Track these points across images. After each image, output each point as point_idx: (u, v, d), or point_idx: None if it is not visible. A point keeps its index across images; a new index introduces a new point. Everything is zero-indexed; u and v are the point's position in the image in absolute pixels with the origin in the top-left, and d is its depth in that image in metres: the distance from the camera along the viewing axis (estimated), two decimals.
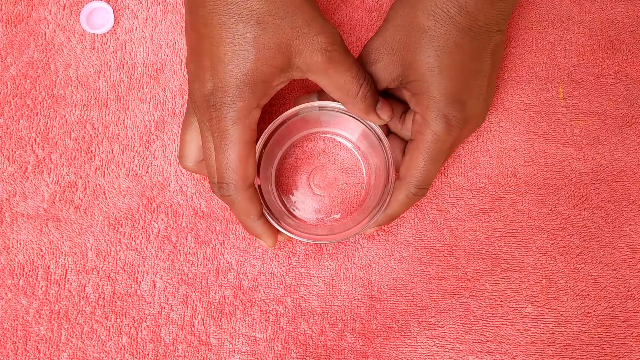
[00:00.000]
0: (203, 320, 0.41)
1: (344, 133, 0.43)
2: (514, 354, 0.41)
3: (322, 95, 0.40)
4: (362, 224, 0.38)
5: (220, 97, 0.34)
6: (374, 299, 0.42)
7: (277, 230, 0.38)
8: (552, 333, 0.42)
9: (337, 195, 0.43)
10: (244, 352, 0.41)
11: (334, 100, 0.38)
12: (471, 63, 0.36)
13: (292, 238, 0.38)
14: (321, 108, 0.39)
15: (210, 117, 0.34)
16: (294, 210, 0.43)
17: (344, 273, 0.42)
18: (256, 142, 0.37)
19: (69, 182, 0.43)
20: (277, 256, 0.42)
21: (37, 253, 0.42)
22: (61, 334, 0.41)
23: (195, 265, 0.42)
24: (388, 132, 0.41)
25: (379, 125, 0.39)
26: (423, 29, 0.35)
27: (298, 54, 0.34)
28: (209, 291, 0.42)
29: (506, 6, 0.35)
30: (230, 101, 0.34)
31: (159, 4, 0.45)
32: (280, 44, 0.33)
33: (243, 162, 0.35)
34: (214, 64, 0.33)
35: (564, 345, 0.42)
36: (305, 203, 0.43)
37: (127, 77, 0.44)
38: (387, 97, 0.41)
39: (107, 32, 0.44)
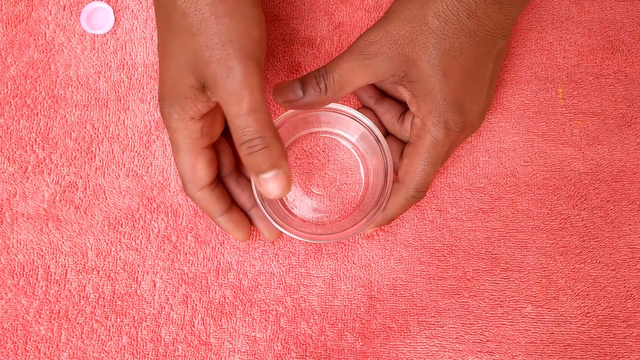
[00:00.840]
0: (203, 320, 0.41)
1: (344, 133, 0.43)
2: (514, 354, 0.41)
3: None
4: (360, 224, 0.38)
5: (161, 105, 0.36)
6: (373, 299, 0.42)
7: (248, 222, 0.40)
8: (552, 333, 0.42)
9: (335, 195, 0.43)
10: (244, 352, 0.41)
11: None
12: (474, 68, 0.36)
13: (289, 237, 0.39)
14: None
15: (163, 121, 0.37)
16: (292, 208, 0.43)
17: (343, 273, 0.42)
18: (210, 145, 0.38)
19: (69, 182, 0.43)
20: (277, 256, 0.42)
21: (37, 253, 0.42)
22: (61, 333, 0.41)
23: (195, 265, 0.42)
24: (387, 133, 0.41)
25: (377, 126, 0.39)
26: (431, 28, 0.34)
27: (207, 77, 0.33)
28: (209, 291, 0.42)
29: (514, 11, 0.35)
30: (167, 112, 0.35)
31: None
32: (189, 62, 0.33)
33: (190, 168, 0.37)
34: (159, 71, 0.36)
35: (564, 345, 0.42)
36: (304, 202, 0.43)
37: (128, 78, 0.44)
38: (385, 96, 0.41)
39: (108, 33, 0.44)
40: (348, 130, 0.42)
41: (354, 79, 0.35)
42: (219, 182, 0.39)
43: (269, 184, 0.33)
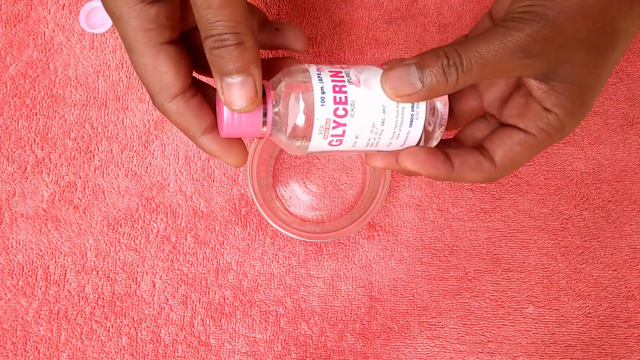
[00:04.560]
0: (203, 320, 0.41)
1: None
2: (515, 355, 0.41)
3: None
4: (357, 223, 0.38)
5: None
6: (374, 300, 0.42)
7: (241, 142, 0.32)
8: (553, 333, 0.42)
9: (333, 194, 0.43)
10: (244, 353, 0.41)
11: None
12: (607, 75, 0.32)
13: (289, 237, 0.38)
14: None
15: (111, 14, 0.29)
16: (288, 206, 0.43)
17: (344, 273, 0.42)
18: (175, 40, 0.30)
19: (68, 182, 0.43)
20: (277, 257, 0.42)
21: (36, 253, 0.42)
22: (61, 334, 0.41)
23: (195, 265, 0.42)
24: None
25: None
26: (619, 29, 0.29)
27: None
28: (208, 291, 0.42)
29: None
30: None
31: None
32: None
33: (152, 71, 0.29)
34: None
35: (565, 346, 0.41)
36: (300, 200, 0.43)
37: (126, 77, 0.44)
38: None
39: (106, 32, 0.44)
40: None
41: (496, 72, 0.29)
42: (197, 90, 0.31)
43: (233, 91, 0.28)
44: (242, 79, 0.27)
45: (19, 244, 0.42)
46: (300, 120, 0.29)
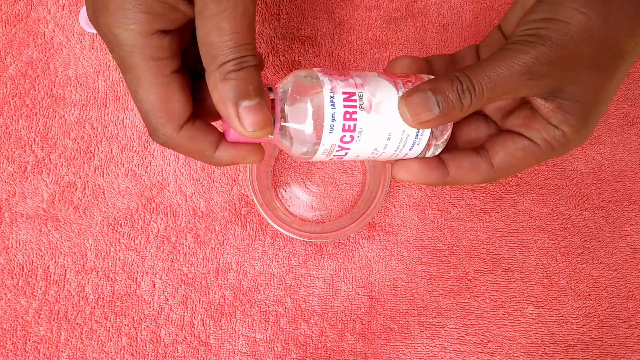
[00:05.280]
0: (203, 320, 0.41)
1: None
2: (515, 355, 0.41)
3: None
4: (357, 223, 0.38)
5: (101, 14, 0.27)
6: (374, 300, 0.42)
7: (257, 143, 0.31)
8: (553, 333, 0.42)
9: (333, 194, 0.43)
10: (244, 353, 0.41)
11: None
12: (612, 93, 0.32)
13: (289, 237, 0.38)
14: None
15: (108, 46, 0.27)
16: (288, 206, 0.43)
17: (344, 273, 0.42)
18: (179, 68, 0.29)
19: (68, 182, 0.43)
20: (277, 257, 0.42)
21: (36, 253, 0.42)
22: (61, 334, 0.41)
23: (195, 265, 0.42)
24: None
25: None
26: (623, 50, 0.29)
27: None
28: (208, 291, 0.42)
29: None
30: (117, 21, 0.27)
31: None
32: None
33: (163, 102, 0.28)
34: None
35: (565, 346, 0.41)
36: (300, 200, 0.43)
37: None
38: None
39: None
40: None
41: (505, 94, 0.29)
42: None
43: (253, 115, 0.27)
44: (259, 101, 0.27)
45: (19, 244, 0.42)
46: (305, 144, 0.29)
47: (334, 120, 0.28)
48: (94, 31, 0.44)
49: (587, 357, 0.41)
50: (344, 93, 0.28)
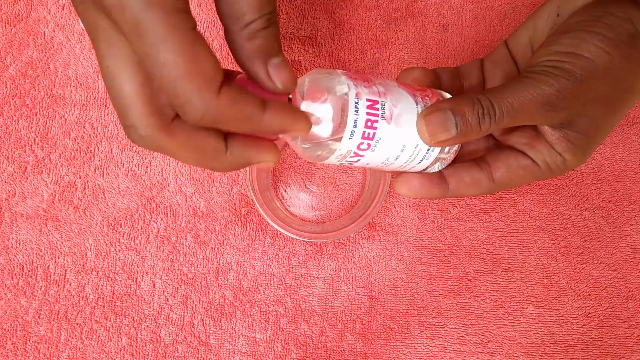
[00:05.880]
0: (203, 320, 0.41)
1: None
2: (515, 355, 0.41)
3: None
4: (357, 223, 0.38)
5: None
6: (374, 300, 0.42)
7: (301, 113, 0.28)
8: (553, 333, 0.42)
9: (333, 194, 0.43)
10: (244, 353, 0.41)
11: None
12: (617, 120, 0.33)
13: (289, 237, 0.38)
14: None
15: (107, 5, 0.22)
16: (288, 206, 0.43)
17: (344, 273, 0.42)
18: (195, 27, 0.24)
19: (68, 182, 0.43)
20: (276, 257, 0.42)
21: (36, 253, 0.42)
22: (61, 334, 0.41)
23: (195, 265, 0.42)
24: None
25: None
26: (637, 90, 0.31)
27: None
28: (208, 291, 0.42)
29: None
30: None
31: None
32: None
33: (194, 62, 0.23)
34: None
35: (565, 346, 0.41)
36: (300, 199, 0.43)
37: None
38: None
39: None
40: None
41: (522, 121, 0.30)
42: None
43: (282, 71, 0.26)
44: (283, 57, 0.26)
45: (19, 244, 0.42)
46: (321, 148, 0.29)
47: (355, 126, 0.28)
48: None
49: (587, 357, 0.41)
50: (367, 100, 0.28)
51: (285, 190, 0.43)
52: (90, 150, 0.43)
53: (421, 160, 0.31)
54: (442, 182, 0.33)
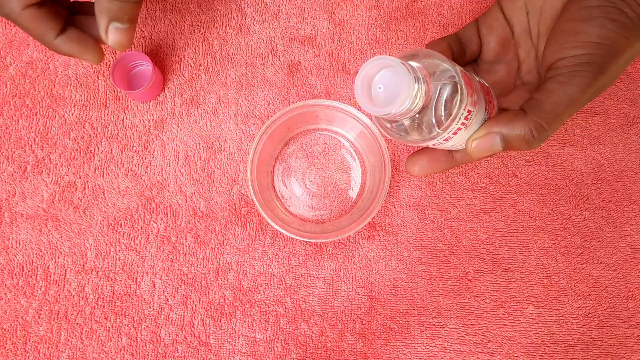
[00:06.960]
0: (203, 320, 0.41)
1: (342, 131, 0.43)
2: (515, 355, 0.41)
3: None
4: (357, 223, 0.38)
5: None
6: (374, 300, 0.42)
7: (94, 40, 0.35)
8: (553, 333, 0.42)
9: (333, 194, 0.43)
10: (244, 353, 0.41)
11: None
12: None
13: (289, 237, 0.38)
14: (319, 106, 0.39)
15: None
16: (288, 206, 0.43)
17: (344, 273, 0.42)
18: None
19: (68, 182, 0.43)
20: (277, 257, 0.42)
21: (36, 253, 0.42)
22: (61, 334, 0.41)
23: (195, 265, 0.42)
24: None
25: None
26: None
27: None
28: (208, 291, 0.42)
29: None
30: None
31: (158, 2, 0.45)
32: None
33: None
34: None
35: (565, 346, 0.41)
36: (300, 199, 0.43)
37: None
38: None
39: None
40: (346, 128, 0.42)
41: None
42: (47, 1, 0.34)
43: (123, 34, 0.33)
44: (129, 27, 0.33)
45: (19, 244, 0.42)
46: (430, 129, 0.30)
47: (463, 111, 0.29)
48: None
49: (587, 357, 0.41)
50: (469, 89, 0.30)
51: (285, 191, 0.43)
52: (90, 150, 0.43)
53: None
54: (448, 156, 0.36)
